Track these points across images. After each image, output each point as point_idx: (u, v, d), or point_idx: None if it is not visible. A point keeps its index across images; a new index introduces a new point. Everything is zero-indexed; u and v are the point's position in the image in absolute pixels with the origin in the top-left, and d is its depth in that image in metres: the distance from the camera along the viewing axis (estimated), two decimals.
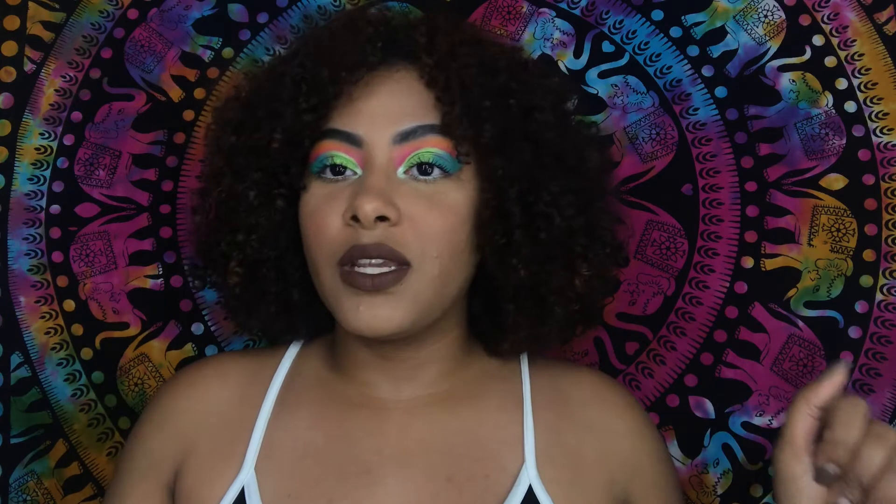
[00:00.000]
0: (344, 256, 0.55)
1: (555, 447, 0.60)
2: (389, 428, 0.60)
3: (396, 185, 0.56)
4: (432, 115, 0.57)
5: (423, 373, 0.62)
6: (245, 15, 0.85)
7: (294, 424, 0.61)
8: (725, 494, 0.77)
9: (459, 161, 0.57)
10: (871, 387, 0.76)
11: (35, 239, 0.83)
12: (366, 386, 0.62)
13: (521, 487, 0.57)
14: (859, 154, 0.78)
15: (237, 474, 0.59)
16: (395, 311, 0.55)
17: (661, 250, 0.80)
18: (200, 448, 0.62)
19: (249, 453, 0.60)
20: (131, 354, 0.83)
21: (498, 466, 0.59)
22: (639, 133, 0.81)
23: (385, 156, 0.56)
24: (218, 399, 0.64)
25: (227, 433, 0.62)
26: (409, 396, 0.62)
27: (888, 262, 0.77)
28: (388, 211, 0.54)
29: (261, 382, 0.64)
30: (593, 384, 0.65)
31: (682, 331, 0.79)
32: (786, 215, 0.78)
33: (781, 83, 0.79)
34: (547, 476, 0.58)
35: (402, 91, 0.57)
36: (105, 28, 0.85)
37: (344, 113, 0.57)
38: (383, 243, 0.54)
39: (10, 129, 0.84)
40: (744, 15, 0.81)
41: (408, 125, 0.56)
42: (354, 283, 0.55)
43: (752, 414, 0.77)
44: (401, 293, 0.55)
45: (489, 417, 0.61)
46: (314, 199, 0.58)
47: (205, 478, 0.60)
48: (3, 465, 0.82)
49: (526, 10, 0.83)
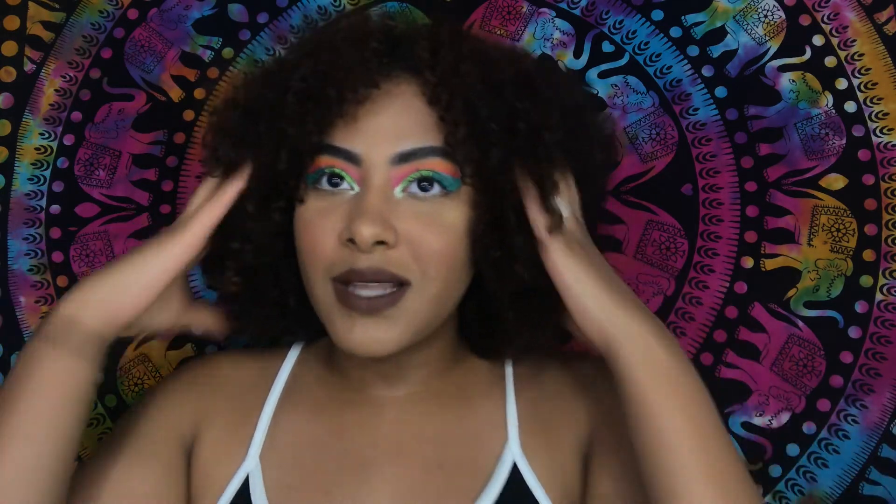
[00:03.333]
0: (340, 275, 0.55)
1: (533, 419, 0.62)
2: (384, 422, 0.63)
3: (394, 204, 0.55)
4: (433, 135, 0.55)
5: (414, 373, 0.64)
6: (245, 15, 0.85)
7: (296, 418, 0.64)
8: None
9: (461, 182, 0.56)
10: (871, 387, 0.76)
11: (35, 239, 0.83)
12: (361, 384, 0.64)
13: (506, 464, 0.59)
14: (859, 154, 0.78)
15: (243, 460, 0.61)
16: (389, 334, 0.55)
17: (660, 250, 0.80)
18: (216, 421, 0.64)
19: (255, 442, 0.62)
20: (131, 354, 0.83)
21: (485, 448, 0.60)
22: (639, 133, 0.81)
23: (383, 176, 0.55)
24: (231, 380, 0.67)
25: (238, 415, 0.64)
26: (402, 393, 0.64)
27: (888, 262, 0.77)
28: (387, 235, 0.53)
29: (267, 376, 0.67)
30: (570, 357, 0.67)
31: (682, 331, 0.79)
32: (786, 215, 0.78)
33: (781, 83, 0.79)
34: (530, 450, 0.60)
35: (403, 108, 0.56)
36: (105, 28, 0.85)
37: (344, 130, 0.56)
38: (381, 269, 0.54)
39: (10, 129, 0.84)
40: (744, 15, 0.81)
41: (408, 146, 0.55)
42: (349, 303, 0.55)
43: (752, 414, 0.77)
44: (396, 316, 0.55)
45: (476, 403, 0.63)
46: (309, 211, 0.57)
47: (219, 456, 0.62)
48: None
49: (526, 10, 0.83)
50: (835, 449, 0.76)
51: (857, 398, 0.76)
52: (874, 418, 0.76)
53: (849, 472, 0.76)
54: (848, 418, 0.76)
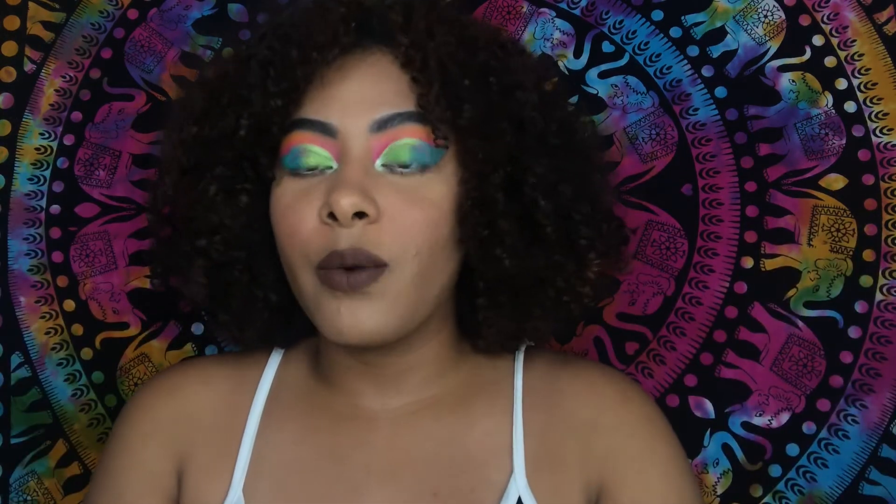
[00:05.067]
0: (322, 262, 0.52)
1: (542, 451, 0.57)
2: (377, 440, 0.58)
3: (374, 178, 0.52)
4: (409, 100, 0.53)
5: (409, 378, 0.59)
6: (245, 15, 0.85)
7: (282, 438, 0.59)
8: (725, 494, 0.77)
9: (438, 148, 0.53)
10: (871, 387, 0.76)
11: (35, 239, 0.83)
12: (352, 395, 0.60)
13: (511, 500, 0.55)
14: (859, 154, 0.78)
15: (226, 495, 0.57)
16: (375, 314, 0.52)
17: (660, 250, 0.80)
18: (195, 461, 0.59)
19: (237, 471, 0.57)
20: (131, 354, 0.83)
21: (483, 478, 0.56)
22: (639, 133, 0.81)
23: (362, 146, 0.53)
24: (204, 406, 0.61)
25: (216, 446, 0.59)
26: (397, 405, 0.59)
27: (888, 262, 0.77)
28: (367, 206, 0.51)
29: (246, 391, 0.61)
30: (591, 377, 0.61)
31: (682, 331, 0.79)
32: (785, 215, 0.78)
33: (781, 83, 0.79)
34: (535, 484, 0.56)
35: (377, 76, 0.54)
36: (105, 28, 0.85)
37: (316, 100, 0.54)
38: (360, 248, 0.51)
39: (10, 129, 0.84)
40: (744, 15, 0.81)
41: (385, 112, 0.53)
42: (332, 283, 0.52)
43: (752, 414, 0.77)
44: (379, 294, 0.52)
45: (477, 424, 0.58)
46: (286, 195, 0.54)
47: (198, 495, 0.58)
48: (4, 465, 0.82)
49: (526, 10, 0.83)
50: (835, 449, 0.76)
51: (857, 398, 0.76)
52: (874, 418, 0.76)
53: (849, 472, 0.76)
54: (848, 418, 0.76)
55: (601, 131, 0.79)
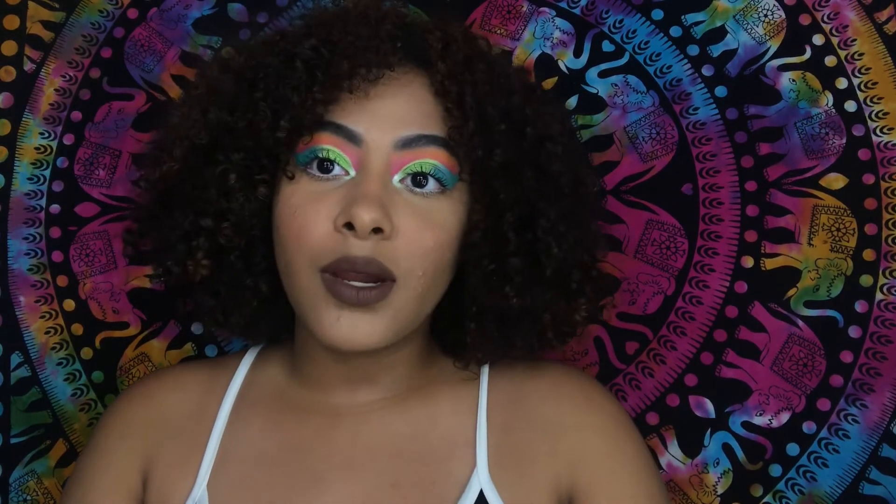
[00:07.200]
0: (330, 265, 0.53)
1: (506, 447, 0.58)
2: (340, 434, 0.59)
3: (391, 194, 0.54)
4: (437, 125, 0.55)
5: (381, 377, 0.61)
6: (245, 15, 0.85)
7: (248, 434, 0.60)
8: (725, 494, 0.77)
9: (458, 178, 0.55)
10: (871, 387, 0.76)
11: (35, 238, 0.83)
12: (321, 391, 0.61)
13: (472, 493, 0.56)
14: (859, 154, 0.78)
15: (191, 490, 0.58)
16: (375, 328, 0.54)
17: (661, 250, 0.80)
18: (162, 461, 0.60)
19: (203, 467, 0.59)
20: (131, 354, 0.83)
21: (445, 471, 0.57)
22: (639, 133, 0.81)
23: (383, 160, 0.54)
24: (176, 411, 0.63)
25: (184, 446, 0.61)
26: (364, 401, 0.60)
27: (888, 261, 0.77)
28: (386, 223, 0.52)
29: (217, 393, 0.63)
30: (555, 379, 0.62)
31: (682, 330, 0.79)
32: (786, 215, 0.78)
33: (781, 83, 0.79)
34: (499, 479, 0.56)
35: (409, 95, 0.55)
36: (105, 28, 0.85)
37: (346, 108, 0.55)
38: (373, 259, 0.52)
39: (10, 129, 0.84)
40: (744, 14, 0.81)
41: (411, 132, 0.54)
42: (339, 294, 0.53)
43: (752, 413, 0.77)
44: (383, 310, 0.54)
45: (442, 420, 0.60)
46: (297, 194, 0.55)
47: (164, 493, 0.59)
48: (3, 465, 0.82)
49: (526, 10, 0.83)
50: (835, 448, 0.76)
51: (857, 398, 0.76)
52: (874, 418, 0.76)
53: (849, 472, 0.76)
54: (848, 418, 0.76)
55: (601, 131, 0.80)
